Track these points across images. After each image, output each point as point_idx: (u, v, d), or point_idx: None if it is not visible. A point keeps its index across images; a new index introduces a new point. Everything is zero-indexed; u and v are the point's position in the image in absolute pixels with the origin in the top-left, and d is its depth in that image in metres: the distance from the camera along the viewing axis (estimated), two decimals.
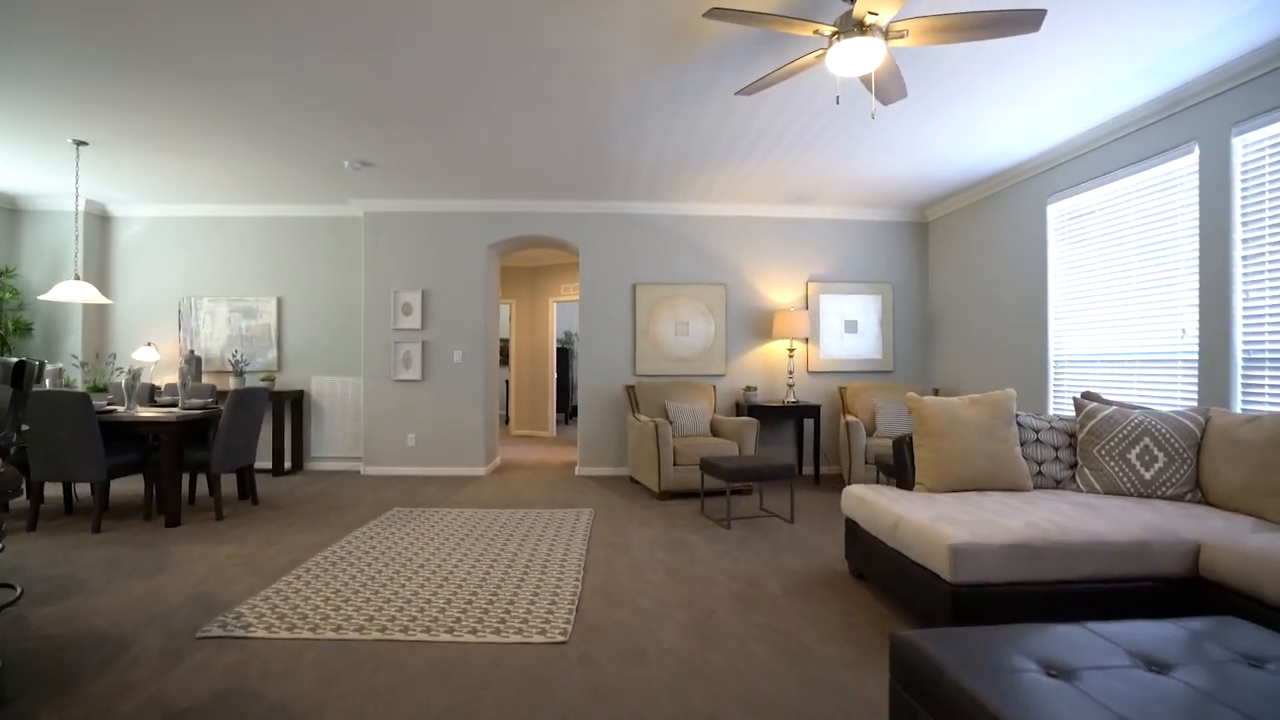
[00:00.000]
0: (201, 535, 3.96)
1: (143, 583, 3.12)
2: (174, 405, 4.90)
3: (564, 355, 10.89)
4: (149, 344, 6.14)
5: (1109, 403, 3.15)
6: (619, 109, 3.94)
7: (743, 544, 3.85)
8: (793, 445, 6.32)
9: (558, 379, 10.34)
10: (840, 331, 6.35)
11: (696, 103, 3.86)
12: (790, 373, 6.02)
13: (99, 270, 6.25)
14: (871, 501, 2.93)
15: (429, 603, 2.86)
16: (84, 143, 4.54)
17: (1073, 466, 3.14)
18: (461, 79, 3.54)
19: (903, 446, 3.32)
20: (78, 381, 5.83)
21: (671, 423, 5.18)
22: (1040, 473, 3.15)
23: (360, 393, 6.29)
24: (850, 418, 5.44)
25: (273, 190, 5.79)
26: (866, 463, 5.23)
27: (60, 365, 4.38)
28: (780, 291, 6.34)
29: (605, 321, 6.24)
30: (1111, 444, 2.99)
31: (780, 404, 5.83)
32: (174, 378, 6.24)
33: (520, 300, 9.59)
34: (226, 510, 4.59)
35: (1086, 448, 3.08)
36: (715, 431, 5.65)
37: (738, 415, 6.12)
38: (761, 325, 6.32)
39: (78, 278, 4.55)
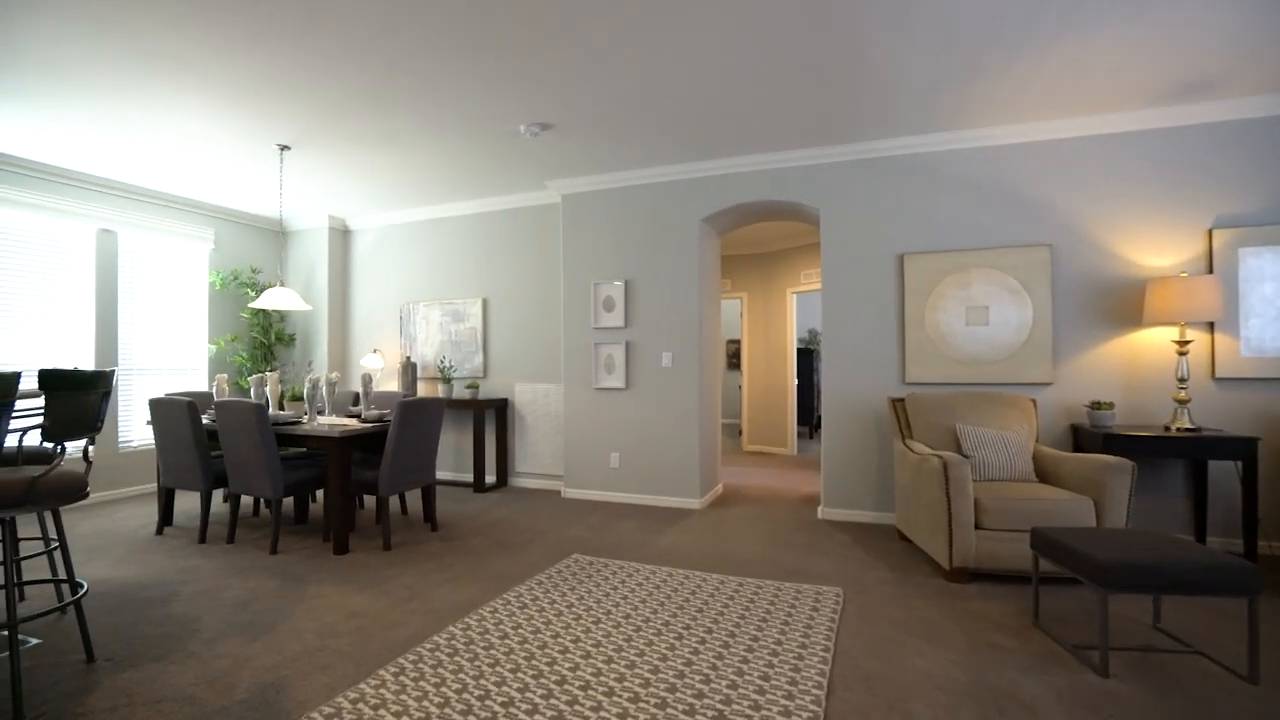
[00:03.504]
0: (355, 572, 3.36)
1: (239, 647, 2.48)
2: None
3: (806, 357, 9.20)
4: (375, 351, 6.20)
5: None
6: None
7: None
8: (1185, 500, 3.84)
9: (799, 386, 8.72)
10: None
11: None
12: (1181, 381, 3.61)
13: (342, 281, 6.54)
14: None
15: None
16: (287, 147, 4.43)
17: None
18: None
19: None
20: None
21: (968, 458, 3.30)
22: None
23: (561, 402, 5.54)
24: None
25: (476, 183, 5.32)
26: None
27: (267, 372, 4.27)
28: (1154, 248, 3.92)
29: (857, 308, 4.53)
30: None
31: (1164, 432, 3.48)
32: (395, 384, 6.22)
33: (752, 293, 8.21)
34: (402, 536, 4.05)
35: None
36: (1044, 474, 3.56)
37: (1077, 447, 3.89)
38: (1119, 304, 3.97)
39: (282, 284, 4.44)
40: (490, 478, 5.81)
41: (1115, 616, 2.75)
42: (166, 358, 5.58)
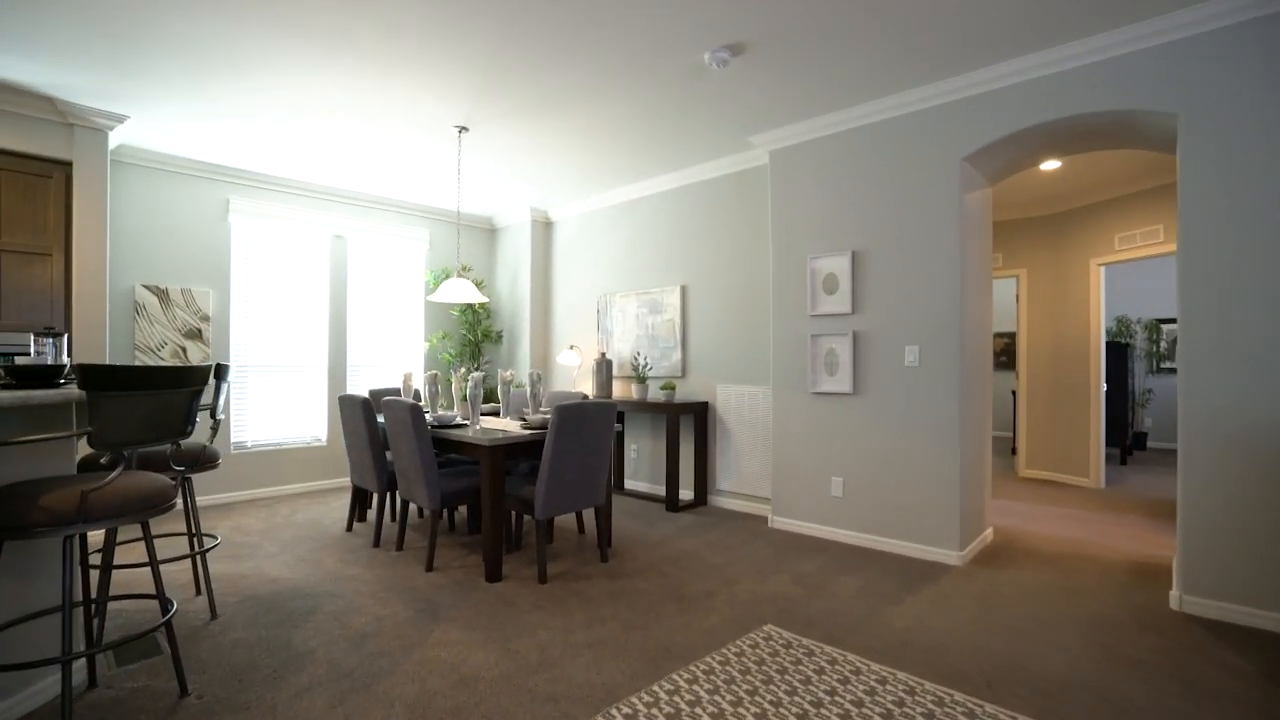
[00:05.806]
0: (495, 610, 2.78)
1: (321, 710, 1.98)
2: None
3: (1117, 353, 6.77)
4: (571, 347, 5.82)
5: None
6: None
7: None
8: None
9: (1108, 392, 6.40)
10: None
11: None
12: None
13: (544, 275, 6.32)
14: None
15: None
16: (464, 128, 4.14)
17: None
18: None
19: None
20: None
21: None
22: None
23: (770, 409, 4.50)
24: None
25: (668, 149, 4.55)
26: None
27: (474, 369, 4.02)
28: None
29: (1248, 271, 2.71)
30: None
31: None
32: (590, 384, 5.76)
33: (1034, 269, 6.18)
34: (564, 565, 3.41)
35: None
36: None
37: None
38: None
39: (460, 274, 4.15)
40: (686, 494, 5.02)
41: None
42: (386, 354, 5.84)
